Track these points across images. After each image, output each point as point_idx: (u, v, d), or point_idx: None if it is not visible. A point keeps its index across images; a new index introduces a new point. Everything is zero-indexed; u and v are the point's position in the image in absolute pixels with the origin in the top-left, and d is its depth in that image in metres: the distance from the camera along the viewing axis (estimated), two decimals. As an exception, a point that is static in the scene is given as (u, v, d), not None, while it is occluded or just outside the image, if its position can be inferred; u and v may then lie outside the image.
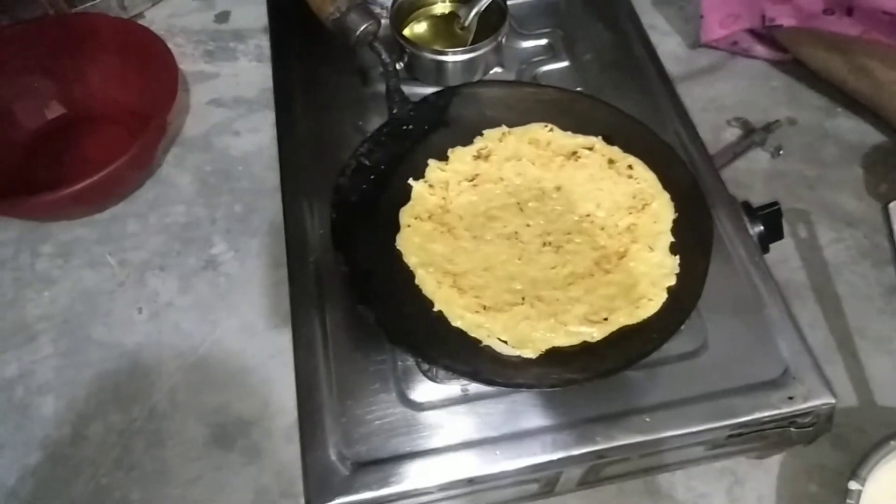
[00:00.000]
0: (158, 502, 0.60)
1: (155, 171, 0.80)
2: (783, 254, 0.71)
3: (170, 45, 0.80)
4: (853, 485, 0.52)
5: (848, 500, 0.52)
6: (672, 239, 0.52)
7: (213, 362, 0.67)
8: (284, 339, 0.54)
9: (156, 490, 0.60)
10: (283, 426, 0.63)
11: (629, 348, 0.46)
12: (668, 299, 0.48)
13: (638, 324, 0.48)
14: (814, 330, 0.67)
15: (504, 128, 0.58)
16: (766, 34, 0.81)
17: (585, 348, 0.47)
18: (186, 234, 0.75)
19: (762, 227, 0.58)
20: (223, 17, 0.94)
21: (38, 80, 0.81)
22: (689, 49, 0.88)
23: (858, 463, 0.53)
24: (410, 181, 0.55)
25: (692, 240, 0.51)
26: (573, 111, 0.59)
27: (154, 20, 0.93)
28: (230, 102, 0.86)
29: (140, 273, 0.72)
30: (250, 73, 0.88)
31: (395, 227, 0.53)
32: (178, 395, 0.65)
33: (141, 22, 0.91)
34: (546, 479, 0.50)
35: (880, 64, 0.72)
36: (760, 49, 0.84)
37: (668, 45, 0.88)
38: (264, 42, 0.89)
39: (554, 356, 0.47)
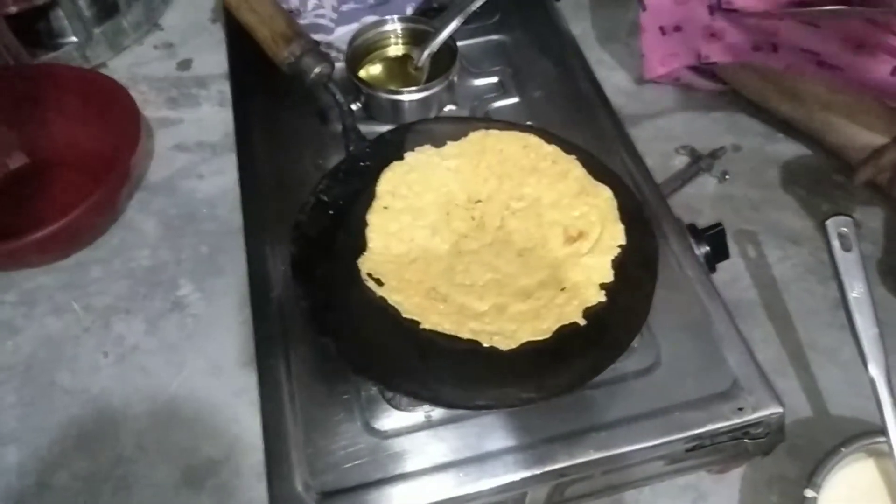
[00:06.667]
0: (126, 548, 0.59)
1: (119, 217, 0.80)
2: (734, 274, 0.74)
3: (133, 93, 0.81)
4: (808, 492, 0.54)
5: (804, 508, 0.54)
6: (620, 258, 0.54)
7: (181, 404, 0.67)
8: (252, 378, 0.54)
9: (123, 535, 0.60)
10: (253, 464, 0.63)
11: (583, 366, 0.48)
12: (618, 318, 0.50)
13: (590, 343, 0.49)
14: (767, 345, 0.69)
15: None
16: (705, 68, 0.86)
17: (542, 366, 0.48)
18: (152, 278, 0.75)
19: (708, 248, 0.60)
20: (185, 64, 0.96)
21: (0, 131, 0.82)
22: (635, 83, 0.92)
23: (813, 471, 0.55)
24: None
25: (639, 262, 0.53)
26: (524, 144, 0.61)
27: (117, 69, 0.94)
28: (194, 147, 0.87)
29: (105, 318, 0.72)
30: (213, 117, 0.90)
31: (354, 260, 0.54)
32: (146, 438, 0.65)
33: (103, 71, 0.92)
34: (512, 500, 0.51)
35: (811, 93, 0.77)
36: (701, 82, 0.88)
37: (617, 79, 0.92)
38: (226, 87, 0.90)
39: (515, 369, 0.48)
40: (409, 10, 0.78)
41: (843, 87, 0.71)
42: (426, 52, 0.69)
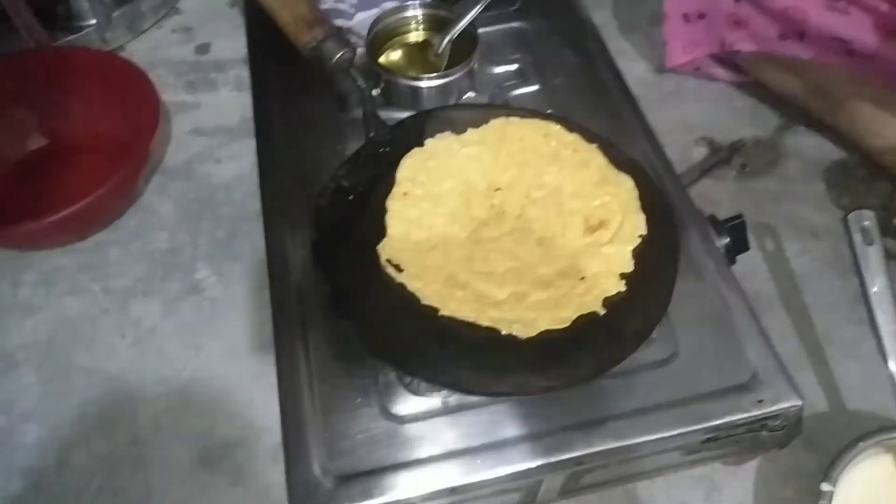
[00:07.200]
0: (144, 527, 0.60)
1: (137, 200, 0.81)
2: (752, 266, 0.74)
3: (151, 77, 0.81)
4: (825, 486, 0.54)
5: (820, 502, 0.53)
6: (641, 248, 0.54)
7: (198, 386, 0.67)
8: (268, 362, 0.54)
9: (141, 515, 0.60)
10: (269, 447, 0.63)
11: (602, 356, 0.48)
12: (638, 309, 0.50)
13: (610, 333, 0.49)
14: (784, 339, 0.68)
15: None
16: (727, 58, 0.85)
17: (561, 355, 0.48)
18: (169, 260, 0.76)
19: (728, 240, 0.60)
20: (203, 48, 0.96)
21: (19, 112, 0.82)
22: (655, 73, 0.91)
23: (830, 465, 0.54)
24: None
25: (660, 252, 0.53)
26: (544, 132, 0.61)
27: (135, 52, 0.95)
28: (211, 131, 0.87)
29: (123, 299, 0.73)
30: (231, 102, 0.90)
31: (374, 246, 0.54)
32: (162, 419, 0.65)
33: (122, 54, 0.92)
34: (527, 487, 0.51)
35: (835, 84, 0.76)
36: (722, 72, 0.88)
37: (636, 69, 0.92)
38: (244, 72, 0.91)
39: (534, 357, 0.48)
40: (430, -4, 0.77)
41: (872, 77, 0.70)
42: (446, 39, 0.69)
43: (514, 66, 0.73)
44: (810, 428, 0.57)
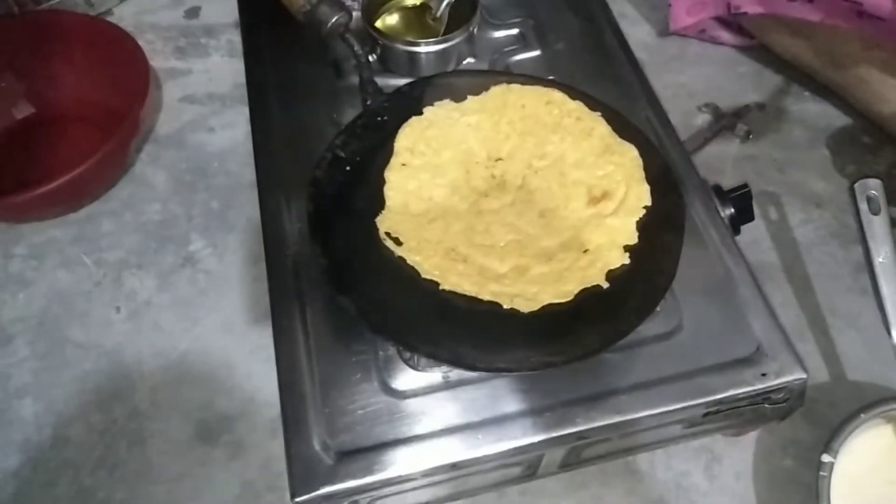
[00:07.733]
0: (143, 501, 0.60)
1: (129, 170, 0.79)
2: (755, 236, 0.73)
3: (140, 42, 0.79)
4: (826, 458, 0.54)
5: (821, 473, 0.53)
6: (645, 220, 0.53)
7: (194, 359, 0.67)
8: (265, 335, 0.54)
9: (140, 489, 0.60)
10: (267, 420, 0.63)
11: (606, 330, 0.47)
12: (642, 282, 0.49)
13: (614, 307, 0.48)
14: (786, 309, 0.68)
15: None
16: (732, 21, 0.83)
17: (564, 329, 0.47)
18: (163, 232, 0.74)
19: (733, 210, 0.59)
20: (193, 12, 0.93)
21: (5, 80, 0.80)
22: (658, 37, 0.89)
23: (830, 436, 0.55)
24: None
25: (665, 223, 0.52)
26: (546, 99, 0.59)
27: (123, 17, 0.92)
28: (203, 99, 0.85)
29: (117, 272, 0.72)
30: (223, 68, 0.87)
31: (373, 218, 0.53)
32: (160, 393, 0.65)
33: (109, 19, 0.90)
34: (528, 461, 0.51)
35: (843, 48, 0.74)
36: (727, 36, 0.85)
37: (638, 33, 0.89)
38: (236, 37, 0.88)
39: (537, 332, 0.47)
40: (427, -43, 0.74)
41: (882, 40, 0.68)
42: (445, 2, 0.66)
43: (514, 31, 0.71)
44: (811, 398, 0.57)
